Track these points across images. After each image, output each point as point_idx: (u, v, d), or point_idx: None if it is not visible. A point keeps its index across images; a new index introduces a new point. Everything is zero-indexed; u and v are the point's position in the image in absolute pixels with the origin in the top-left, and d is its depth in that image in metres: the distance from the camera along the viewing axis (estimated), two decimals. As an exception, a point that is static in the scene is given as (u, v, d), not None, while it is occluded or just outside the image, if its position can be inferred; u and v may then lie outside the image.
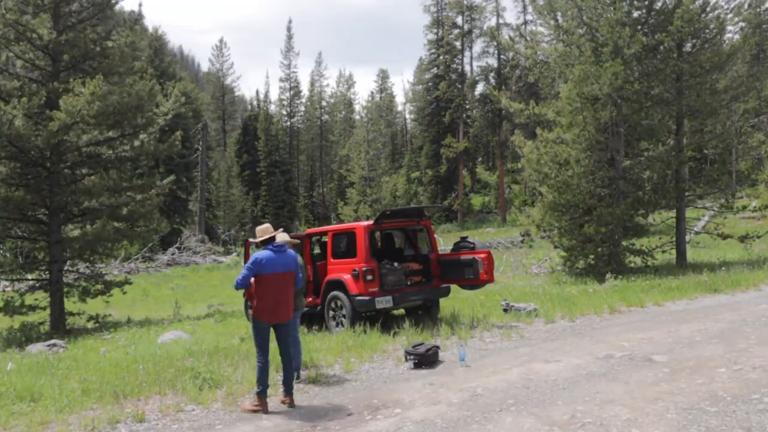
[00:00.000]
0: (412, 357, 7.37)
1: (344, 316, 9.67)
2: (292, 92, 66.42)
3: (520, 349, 7.93)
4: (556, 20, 16.92)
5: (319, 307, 10.16)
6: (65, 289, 13.83)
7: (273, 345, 6.20)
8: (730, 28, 17.04)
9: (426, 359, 7.33)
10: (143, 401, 6.45)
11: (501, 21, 49.34)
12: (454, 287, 10.74)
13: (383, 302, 9.43)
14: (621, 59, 14.56)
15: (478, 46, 58.30)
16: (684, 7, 14.78)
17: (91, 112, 12.49)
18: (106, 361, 8.61)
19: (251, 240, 8.40)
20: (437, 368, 7.22)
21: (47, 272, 13.75)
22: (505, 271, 19.28)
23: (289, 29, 65.71)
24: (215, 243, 42.34)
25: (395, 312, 10.90)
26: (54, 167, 13.44)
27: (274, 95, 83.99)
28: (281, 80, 66.74)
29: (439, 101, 50.09)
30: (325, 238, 10.67)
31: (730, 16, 16.36)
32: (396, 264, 10.18)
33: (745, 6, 17.00)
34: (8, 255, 16.39)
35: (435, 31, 51.70)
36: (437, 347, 7.63)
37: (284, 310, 6.09)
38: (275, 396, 6.26)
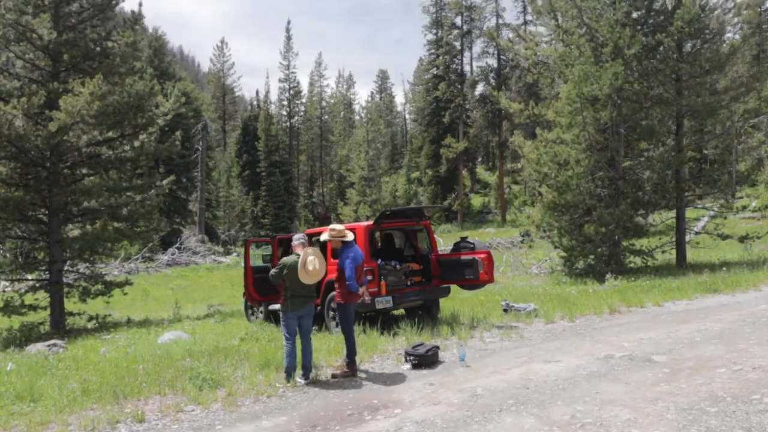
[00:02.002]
0: (411, 358, 7.37)
1: (344, 316, 9.65)
2: (291, 92, 66.45)
3: (520, 349, 7.93)
4: (557, 20, 16.92)
5: (318, 308, 10.16)
6: (65, 290, 13.81)
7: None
8: (729, 28, 17.04)
9: (426, 360, 7.33)
10: (143, 401, 6.45)
11: (501, 21, 49.34)
12: (454, 287, 10.74)
13: (383, 302, 9.43)
14: (621, 60, 14.56)
15: (478, 46, 58.23)
16: (684, 8, 14.78)
17: (90, 112, 12.48)
18: (106, 362, 8.60)
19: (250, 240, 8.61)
20: (437, 368, 7.21)
21: (47, 272, 13.74)
22: (505, 272, 19.27)
23: (287, 30, 65.65)
24: (215, 243, 42.37)
25: (395, 312, 10.90)
26: (54, 167, 13.43)
27: (273, 95, 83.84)
28: (281, 81, 66.83)
29: (438, 101, 50.07)
30: (325, 239, 10.65)
31: (729, 16, 16.36)
32: (396, 264, 10.18)
33: (745, 6, 17.00)
34: (8, 255, 16.37)
35: (434, 31, 51.70)
36: (437, 348, 7.63)
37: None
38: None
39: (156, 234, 15.94)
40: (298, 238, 7.27)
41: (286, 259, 7.04)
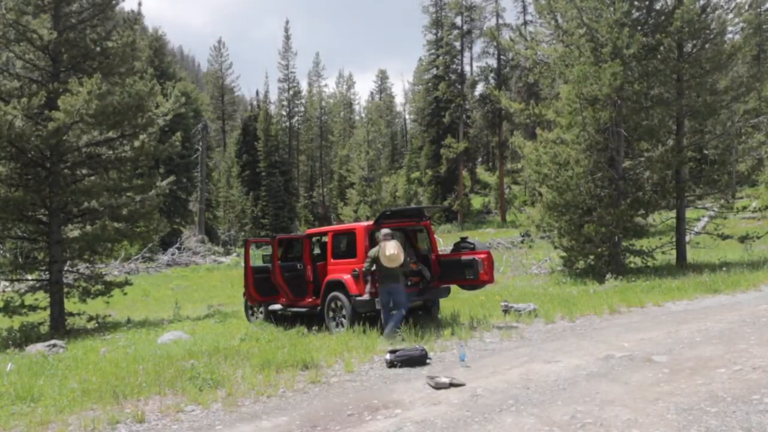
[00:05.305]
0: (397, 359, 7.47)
1: (344, 316, 9.67)
2: (291, 92, 66.42)
3: (520, 349, 7.92)
4: (556, 21, 16.92)
5: (319, 308, 10.16)
6: (65, 290, 13.81)
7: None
8: (730, 28, 17.02)
9: (413, 361, 7.39)
10: (143, 402, 6.45)
11: (501, 21, 49.33)
12: (454, 287, 10.74)
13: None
14: (620, 60, 14.55)
15: (478, 46, 58.32)
16: (684, 8, 14.77)
17: (89, 111, 12.47)
18: (105, 362, 8.60)
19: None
20: (437, 369, 7.21)
21: (47, 272, 13.74)
22: (505, 272, 19.27)
23: (286, 30, 65.61)
24: (215, 243, 42.38)
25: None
26: (54, 167, 13.43)
27: (273, 95, 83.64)
28: (280, 81, 66.74)
29: (438, 102, 50.06)
30: (325, 239, 10.67)
31: (730, 16, 16.36)
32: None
33: (746, 6, 16.98)
34: (8, 255, 16.37)
35: (434, 31, 51.70)
36: (423, 349, 7.72)
37: None
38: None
39: (156, 234, 15.93)
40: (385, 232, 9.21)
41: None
